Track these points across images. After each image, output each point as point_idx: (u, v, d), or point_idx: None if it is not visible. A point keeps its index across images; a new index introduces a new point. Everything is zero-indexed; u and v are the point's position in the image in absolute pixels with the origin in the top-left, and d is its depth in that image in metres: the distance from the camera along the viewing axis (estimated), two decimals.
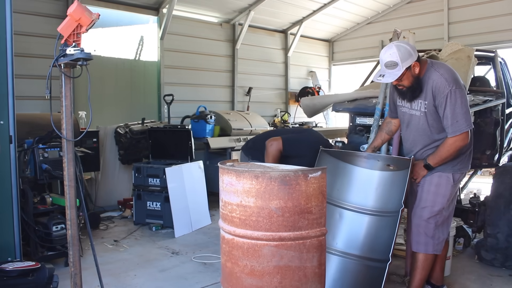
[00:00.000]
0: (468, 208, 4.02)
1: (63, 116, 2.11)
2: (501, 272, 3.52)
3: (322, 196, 2.07)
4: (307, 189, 2.02)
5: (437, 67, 2.66)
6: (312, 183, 2.02)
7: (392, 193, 2.83)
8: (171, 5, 6.49)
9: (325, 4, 8.26)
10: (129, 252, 4.08)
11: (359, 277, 2.82)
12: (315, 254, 2.07)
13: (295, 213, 2.03)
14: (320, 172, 2.05)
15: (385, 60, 2.57)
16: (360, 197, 2.94)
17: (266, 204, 1.99)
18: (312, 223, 2.05)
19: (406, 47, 2.56)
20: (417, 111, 2.71)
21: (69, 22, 2.00)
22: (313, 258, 2.07)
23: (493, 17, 7.41)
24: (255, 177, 1.99)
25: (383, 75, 2.57)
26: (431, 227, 2.72)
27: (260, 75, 8.55)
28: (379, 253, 2.70)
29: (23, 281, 2.57)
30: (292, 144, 3.39)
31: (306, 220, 2.04)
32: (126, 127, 5.61)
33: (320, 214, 2.08)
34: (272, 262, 2.03)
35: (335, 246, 2.92)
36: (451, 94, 2.54)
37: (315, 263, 2.08)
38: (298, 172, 2.02)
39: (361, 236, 2.86)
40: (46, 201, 3.72)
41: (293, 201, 2.01)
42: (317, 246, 2.08)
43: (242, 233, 2.04)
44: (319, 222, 2.08)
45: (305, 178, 2.01)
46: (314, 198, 2.04)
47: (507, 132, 4.65)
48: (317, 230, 2.06)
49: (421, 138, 2.75)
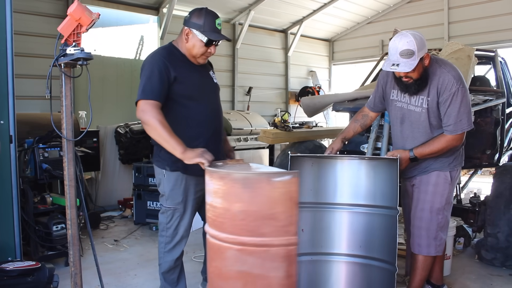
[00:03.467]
0: (468, 208, 4.01)
1: (63, 115, 2.11)
2: (501, 272, 3.52)
3: (292, 203, 1.87)
4: (271, 193, 1.86)
5: (442, 63, 2.59)
6: (277, 188, 1.86)
7: (382, 186, 2.71)
8: (171, 4, 6.49)
9: (325, 3, 8.26)
10: (129, 252, 4.08)
11: (368, 281, 2.76)
12: (281, 264, 1.89)
13: (257, 218, 1.89)
14: (289, 176, 1.87)
15: (401, 48, 2.40)
16: (351, 194, 2.81)
17: (230, 206, 1.91)
18: (278, 230, 1.88)
19: (421, 37, 2.45)
20: (418, 107, 2.61)
21: (69, 21, 1.99)
22: (278, 268, 1.90)
23: (493, 17, 7.41)
24: (221, 178, 1.93)
25: (398, 64, 2.42)
26: (433, 228, 2.68)
27: (260, 75, 8.54)
28: (383, 252, 2.65)
29: (23, 281, 2.56)
30: None
31: (270, 227, 1.88)
32: (126, 127, 5.61)
33: (288, 221, 1.88)
34: (235, 266, 1.94)
35: (339, 251, 2.82)
36: (458, 92, 2.47)
37: (281, 273, 1.90)
38: (261, 175, 1.93)
39: (362, 234, 2.78)
40: (46, 200, 3.72)
41: (256, 206, 1.89)
42: (284, 256, 1.89)
43: (212, 233, 1.98)
44: (287, 231, 1.88)
45: (269, 182, 1.88)
46: (280, 204, 1.86)
47: (507, 131, 4.64)
48: (284, 238, 1.88)
49: (419, 135, 2.65)
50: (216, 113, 2.58)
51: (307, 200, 2.75)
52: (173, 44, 2.52)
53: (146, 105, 2.30)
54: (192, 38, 2.40)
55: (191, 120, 2.45)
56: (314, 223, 2.76)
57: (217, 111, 2.60)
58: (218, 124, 2.61)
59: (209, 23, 2.37)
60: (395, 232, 2.50)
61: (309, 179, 2.75)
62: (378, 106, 2.92)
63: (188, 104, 2.44)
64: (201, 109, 2.48)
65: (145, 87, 2.33)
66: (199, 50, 2.41)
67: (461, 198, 4.31)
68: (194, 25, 2.39)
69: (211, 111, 2.54)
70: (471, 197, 4.17)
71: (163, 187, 2.55)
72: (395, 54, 2.43)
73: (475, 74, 4.73)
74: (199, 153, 2.19)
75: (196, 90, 2.47)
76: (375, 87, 2.93)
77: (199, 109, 2.47)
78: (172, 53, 2.46)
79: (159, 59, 2.39)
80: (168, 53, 2.44)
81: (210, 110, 2.53)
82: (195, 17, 2.40)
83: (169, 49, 2.49)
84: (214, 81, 2.62)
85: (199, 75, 2.52)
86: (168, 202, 2.53)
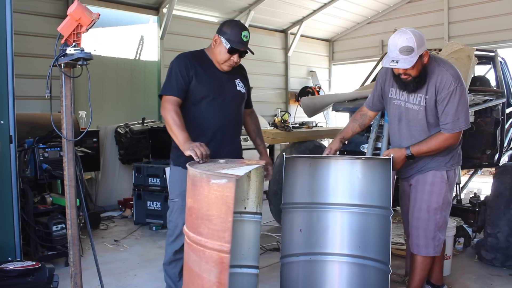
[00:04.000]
0: (468, 208, 4.01)
1: (63, 116, 2.11)
2: (502, 272, 3.52)
3: (227, 208, 1.81)
4: (209, 194, 1.87)
5: (440, 61, 2.60)
6: (214, 190, 1.85)
7: (379, 186, 2.67)
8: (171, 5, 6.49)
9: (325, 3, 8.26)
10: (129, 252, 4.08)
11: (364, 281, 2.74)
12: (213, 268, 1.88)
13: (198, 217, 1.94)
14: (225, 181, 1.81)
15: (400, 44, 2.40)
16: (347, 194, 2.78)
17: (186, 199, 2.07)
18: (213, 233, 1.86)
19: (421, 34, 2.46)
20: (416, 105, 2.61)
21: (69, 22, 1.99)
22: (210, 272, 1.89)
23: (493, 17, 7.41)
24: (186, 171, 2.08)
25: (397, 60, 2.42)
26: (431, 228, 2.67)
27: (260, 75, 8.54)
28: (378, 252, 2.63)
29: (23, 281, 2.57)
30: None
31: (206, 228, 1.89)
32: (126, 127, 5.61)
33: (222, 227, 1.83)
34: (186, 258, 2.09)
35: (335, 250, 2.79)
36: (456, 91, 2.48)
37: (212, 278, 1.88)
38: (202, 175, 1.93)
39: (358, 234, 2.75)
40: (46, 201, 3.72)
41: (197, 204, 1.95)
42: (217, 261, 1.86)
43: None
44: (221, 236, 1.84)
45: (208, 183, 1.89)
46: (215, 207, 1.85)
47: (507, 131, 4.64)
48: (217, 243, 1.85)
49: (416, 133, 2.64)
50: (228, 117, 2.64)
51: (303, 200, 2.74)
52: (205, 50, 2.68)
53: (164, 102, 2.48)
54: (219, 45, 2.55)
55: (198, 120, 2.55)
56: (310, 223, 2.75)
57: (231, 116, 2.65)
58: (226, 129, 2.63)
59: (235, 33, 2.51)
60: (388, 232, 2.46)
61: (305, 180, 2.74)
62: (377, 105, 2.91)
63: (200, 104, 2.56)
64: (211, 111, 2.57)
65: (165, 84, 2.54)
66: (223, 56, 2.55)
67: (461, 198, 4.30)
68: (223, 33, 2.54)
69: (222, 115, 2.60)
70: (471, 197, 4.16)
71: (167, 180, 2.76)
72: (395, 51, 2.42)
73: (475, 74, 4.73)
74: (193, 146, 2.24)
75: (210, 92, 2.56)
76: (374, 86, 2.92)
77: (209, 110, 2.57)
78: (198, 55, 2.63)
79: (182, 58, 2.58)
80: (193, 55, 2.62)
81: (222, 114, 2.60)
82: (225, 26, 2.57)
83: (197, 53, 2.66)
84: (237, 88, 2.69)
85: (220, 80, 2.62)
86: (170, 195, 2.70)
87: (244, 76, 2.83)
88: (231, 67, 2.62)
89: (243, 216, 2.43)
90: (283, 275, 2.68)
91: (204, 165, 2.12)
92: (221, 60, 2.57)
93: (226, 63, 2.58)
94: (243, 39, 2.53)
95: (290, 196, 2.69)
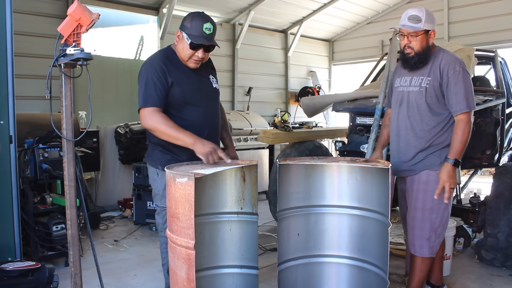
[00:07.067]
0: (468, 208, 4.01)
1: (63, 116, 2.11)
2: (501, 272, 3.52)
3: (189, 206, 1.90)
4: (175, 193, 1.95)
5: (445, 49, 2.72)
6: (179, 188, 1.93)
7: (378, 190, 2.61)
8: (171, 5, 6.49)
9: (325, 3, 8.26)
10: (129, 252, 4.08)
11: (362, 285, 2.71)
12: (183, 264, 1.97)
13: (170, 215, 2.05)
14: (186, 179, 1.90)
15: (411, 13, 2.60)
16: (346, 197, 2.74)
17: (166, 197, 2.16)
18: (180, 231, 1.96)
19: (432, 14, 2.64)
20: (416, 86, 2.67)
21: (69, 22, 1.99)
22: (181, 268, 1.98)
23: (493, 17, 7.41)
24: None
25: (404, 25, 2.60)
26: (427, 228, 2.66)
27: (260, 75, 8.55)
28: (376, 257, 2.58)
29: (23, 281, 2.57)
30: None
31: (176, 226, 1.99)
32: (126, 127, 5.60)
33: (187, 224, 1.93)
34: (169, 256, 2.17)
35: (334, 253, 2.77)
36: (462, 71, 2.56)
37: (183, 274, 1.97)
38: (170, 174, 1.99)
39: (357, 237, 2.70)
40: (46, 201, 3.72)
41: (169, 202, 2.04)
42: (185, 258, 1.96)
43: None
44: (186, 234, 1.94)
45: (174, 182, 1.95)
46: (181, 205, 1.94)
47: (507, 131, 4.65)
48: (184, 240, 1.95)
49: (413, 114, 2.66)
50: (212, 116, 2.55)
51: (300, 204, 2.69)
52: (171, 47, 2.50)
53: (147, 113, 2.31)
54: (181, 41, 2.38)
55: (186, 125, 2.38)
56: (308, 226, 2.71)
57: (214, 115, 2.57)
58: (214, 128, 2.57)
59: (196, 26, 2.33)
60: (387, 241, 2.42)
61: (302, 183, 2.69)
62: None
63: (184, 108, 2.42)
64: (197, 114, 2.45)
65: (144, 94, 2.32)
66: (186, 53, 2.38)
67: (461, 198, 4.31)
68: (184, 27, 2.36)
69: (208, 115, 2.51)
70: (471, 197, 4.17)
71: (156, 187, 2.53)
72: (404, 19, 2.62)
73: (475, 74, 4.74)
74: (207, 153, 2.20)
75: (193, 95, 2.43)
76: (388, 86, 3.02)
77: (195, 114, 2.45)
78: (169, 56, 2.44)
79: (156, 63, 2.37)
80: (165, 57, 2.42)
81: (207, 114, 2.50)
82: (186, 20, 2.39)
83: (167, 53, 2.46)
84: (213, 85, 2.58)
85: (197, 79, 2.48)
86: (162, 202, 2.47)
87: (213, 68, 2.70)
88: (198, 64, 2.43)
89: (240, 217, 2.43)
90: (281, 280, 2.62)
91: (183, 166, 2.20)
92: (185, 57, 2.39)
93: (191, 60, 2.40)
94: (205, 32, 2.33)
95: (285, 202, 2.63)
